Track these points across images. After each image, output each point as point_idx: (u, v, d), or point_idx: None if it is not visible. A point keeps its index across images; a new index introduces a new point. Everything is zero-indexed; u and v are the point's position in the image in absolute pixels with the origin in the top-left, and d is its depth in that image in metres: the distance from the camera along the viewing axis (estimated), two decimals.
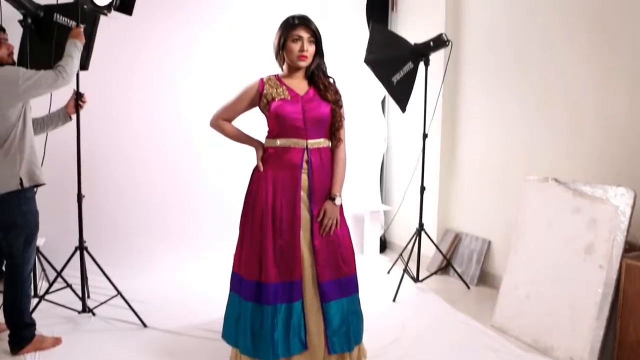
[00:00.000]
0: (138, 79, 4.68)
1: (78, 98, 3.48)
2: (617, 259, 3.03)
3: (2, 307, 3.19)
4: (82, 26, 3.34)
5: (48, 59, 3.49)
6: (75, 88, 3.47)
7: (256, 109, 2.81)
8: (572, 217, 3.34)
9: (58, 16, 3.62)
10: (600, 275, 3.09)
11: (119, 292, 3.69)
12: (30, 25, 3.60)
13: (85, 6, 3.28)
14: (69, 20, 3.62)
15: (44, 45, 3.58)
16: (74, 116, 3.53)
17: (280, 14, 2.82)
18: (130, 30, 4.36)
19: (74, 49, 3.20)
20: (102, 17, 3.57)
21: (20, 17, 3.57)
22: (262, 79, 2.76)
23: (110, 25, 3.73)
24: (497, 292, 3.83)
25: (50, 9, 3.62)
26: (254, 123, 2.98)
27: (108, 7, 3.37)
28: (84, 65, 3.60)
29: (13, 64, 3.18)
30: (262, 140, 2.81)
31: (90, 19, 3.58)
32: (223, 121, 2.85)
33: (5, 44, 3.10)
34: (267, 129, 2.79)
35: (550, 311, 3.32)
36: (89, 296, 3.77)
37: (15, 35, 3.53)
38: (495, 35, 4.44)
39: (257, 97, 2.75)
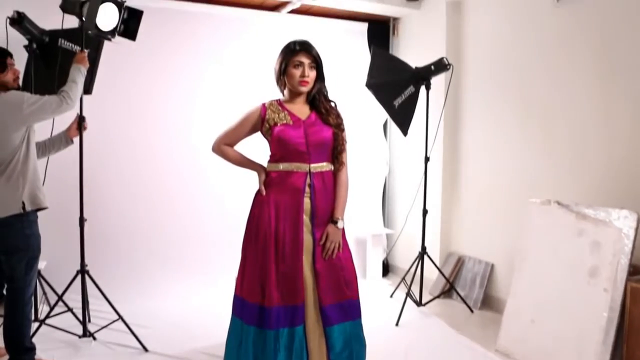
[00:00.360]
0: (141, 104, 4.71)
1: (81, 122, 3.51)
2: (622, 282, 3.02)
3: (2, 331, 3.17)
4: (86, 51, 3.37)
5: (52, 83, 3.52)
6: (79, 112, 3.50)
7: (258, 134, 2.82)
8: (576, 240, 3.32)
9: (63, 41, 3.66)
10: (605, 299, 3.06)
11: (120, 317, 3.66)
12: (35, 50, 3.64)
13: (89, 31, 3.32)
14: (73, 45, 3.66)
15: (49, 70, 3.61)
16: (75, 139, 3.54)
17: (284, 39, 2.84)
18: (133, 55, 4.41)
19: (78, 74, 3.23)
20: (106, 42, 3.61)
21: (26, 42, 3.61)
22: (263, 104, 2.78)
23: (114, 49, 3.77)
24: (501, 315, 3.80)
25: (55, 34, 3.66)
26: (256, 147, 2.98)
27: (112, 33, 3.41)
28: (88, 89, 3.63)
29: (18, 88, 3.21)
30: (264, 164, 2.82)
31: (94, 44, 3.62)
32: (225, 146, 2.86)
33: (12, 69, 3.13)
34: (269, 153, 2.80)
35: (555, 335, 3.29)
36: (89, 320, 3.75)
37: (20, 60, 3.57)
38: (497, 59, 4.47)
39: (259, 122, 2.76)
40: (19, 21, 3.45)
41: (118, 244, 4.64)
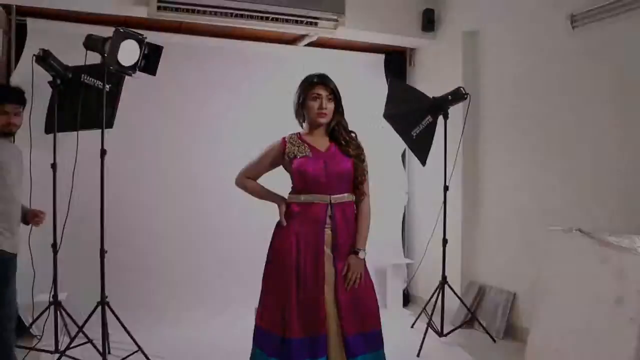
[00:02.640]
0: (160, 137, 4.79)
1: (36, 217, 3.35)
2: None
3: None
4: None
5: (75, 118, 3.60)
6: (101, 146, 3.54)
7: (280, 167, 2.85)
8: (599, 268, 3.27)
9: (85, 77, 3.75)
10: (632, 329, 2.99)
11: (139, 348, 3.67)
12: (59, 86, 3.73)
13: (111, 67, 3.39)
14: (95, 81, 3.75)
15: (72, 106, 3.70)
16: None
17: (301, 72, 2.88)
18: (155, 89, 4.48)
19: None
20: (127, 77, 3.69)
21: (50, 78, 3.71)
22: (284, 138, 2.81)
23: (135, 84, 3.84)
24: (524, 345, 3.73)
25: (78, 70, 3.75)
26: (277, 179, 3.00)
27: (133, 68, 3.48)
28: (109, 123, 3.71)
29: (8, 134, 3.14)
30: (286, 195, 2.83)
31: (115, 78, 3.71)
32: (247, 179, 2.90)
33: (5, 115, 3.06)
34: (291, 185, 2.82)
35: None
36: (109, 351, 3.75)
37: (45, 95, 3.67)
38: (514, 87, 4.48)
39: (280, 156, 2.79)
40: (43, 58, 3.55)
41: (138, 276, 4.66)
